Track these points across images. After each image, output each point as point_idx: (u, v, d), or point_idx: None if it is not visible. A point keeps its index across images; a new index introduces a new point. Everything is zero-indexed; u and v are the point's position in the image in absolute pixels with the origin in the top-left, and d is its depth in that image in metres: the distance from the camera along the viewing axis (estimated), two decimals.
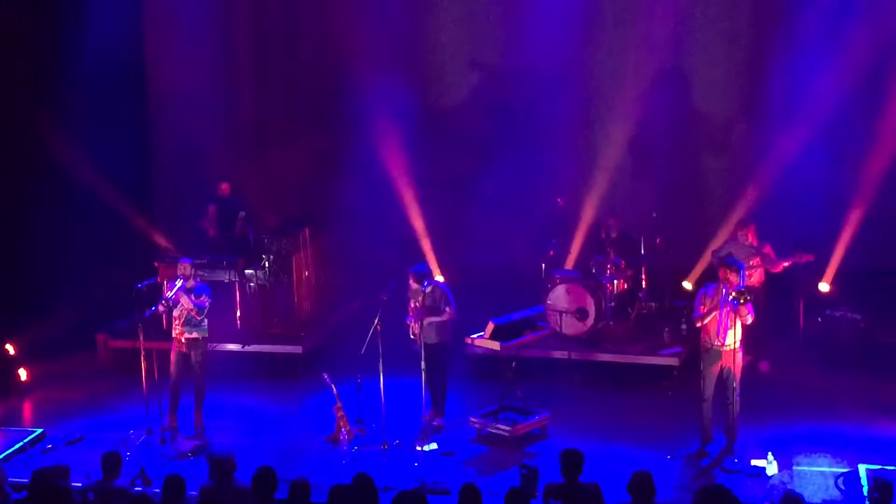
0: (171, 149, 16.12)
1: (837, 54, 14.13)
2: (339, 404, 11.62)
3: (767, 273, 13.27)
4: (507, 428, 11.48)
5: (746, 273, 13.01)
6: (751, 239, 13.25)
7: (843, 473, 10.52)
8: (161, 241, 14.96)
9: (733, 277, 10.74)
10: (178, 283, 11.74)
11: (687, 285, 14.02)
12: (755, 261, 13.13)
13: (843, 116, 14.23)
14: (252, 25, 16.58)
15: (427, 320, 11.66)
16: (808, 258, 13.12)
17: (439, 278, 12.08)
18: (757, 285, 13.12)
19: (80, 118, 14.41)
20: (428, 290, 11.76)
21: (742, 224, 13.39)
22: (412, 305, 11.80)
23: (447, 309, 11.70)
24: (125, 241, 15.06)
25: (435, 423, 11.86)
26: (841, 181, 14.27)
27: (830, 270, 13.63)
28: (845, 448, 11.00)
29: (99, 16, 14.57)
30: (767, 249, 13.25)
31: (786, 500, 7.80)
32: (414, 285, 11.81)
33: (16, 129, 14.25)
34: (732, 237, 13.45)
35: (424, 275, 11.90)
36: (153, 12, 16.01)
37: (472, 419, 11.77)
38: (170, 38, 15.76)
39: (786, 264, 13.17)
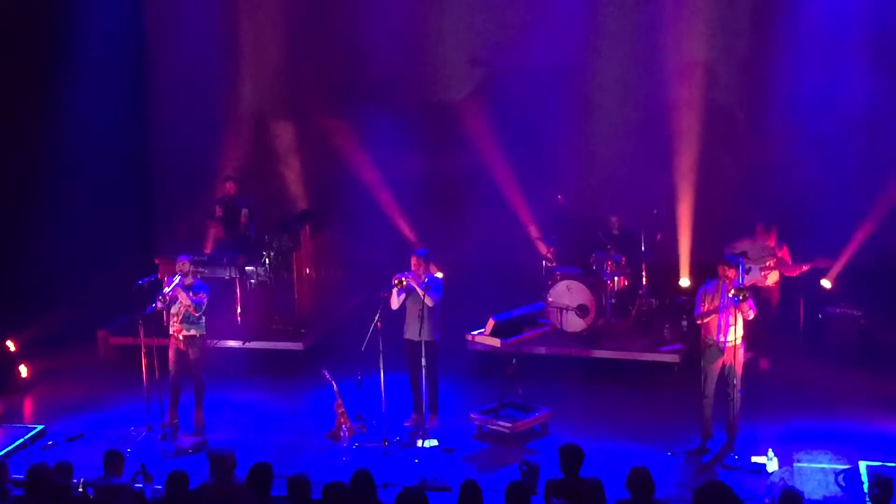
0: (171, 145, 16.10)
1: (848, 52, 14.11)
2: (339, 401, 11.62)
3: (783, 275, 13.26)
4: (508, 424, 11.48)
5: (763, 274, 13.03)
6: (771, 242, 13.23)
7: (843, 470, 10.52)
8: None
9: (732, 273, 10.73)
10: (176, 280, 11.73)
11: (685, 282, 14.00)
12: (771, 262, 13.11)
13: (854, 114, 14.22)
14: (253, 21, 16.56)
15: (425, 297, 11.49)
16: (826, 263, 13.10)
17: (438, 275, 12.03)
18: (772, 286, 13.11)
19: (80, 114, 14.39)
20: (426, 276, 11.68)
21: (765, 226, 13.34)
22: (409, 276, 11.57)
23: (431, 295, 11.54)
24: (126, 237, 15.06)
25: (433, 422, 11.85)
26: (851, 181, 14.24)
27: (835, 269, 13.61)
28: (845, 445, 10.99)
29: (99, 11, 14.56)
30: (784, 253, 13.23)
31: (786, 497, 7.80)
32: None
33: (15, 126, 14.25)
34: (751, 235, 13.41)
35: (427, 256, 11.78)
36: (154, 7, 16.01)
37: (473, 416, 11.77)
38: (171, 34, 15.74)
39: (804, 268, 13.16)
